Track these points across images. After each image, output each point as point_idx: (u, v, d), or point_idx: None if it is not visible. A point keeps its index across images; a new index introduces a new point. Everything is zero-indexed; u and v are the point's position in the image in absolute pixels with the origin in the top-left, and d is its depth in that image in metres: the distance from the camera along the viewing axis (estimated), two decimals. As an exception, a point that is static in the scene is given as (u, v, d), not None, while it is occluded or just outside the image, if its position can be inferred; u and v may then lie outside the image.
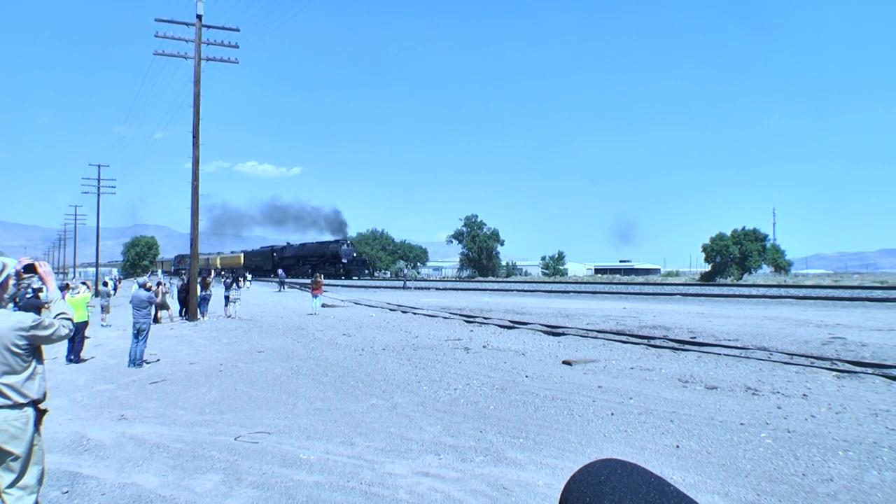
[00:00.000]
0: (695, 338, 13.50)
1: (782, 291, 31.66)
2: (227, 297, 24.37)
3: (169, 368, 12.02)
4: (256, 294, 40.05)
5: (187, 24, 23.99)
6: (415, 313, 23.02)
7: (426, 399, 8.65)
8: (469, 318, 19.92)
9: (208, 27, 24.23)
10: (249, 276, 58.39)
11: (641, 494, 0.80)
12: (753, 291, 31.83)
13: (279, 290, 47.33)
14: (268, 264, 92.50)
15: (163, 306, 21.87)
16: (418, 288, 46.16)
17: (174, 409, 8.41)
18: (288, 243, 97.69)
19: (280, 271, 55.20)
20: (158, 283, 22.08)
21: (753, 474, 5.30)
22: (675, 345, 12.54)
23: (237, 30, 24.87)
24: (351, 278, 72.62)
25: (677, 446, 6.18)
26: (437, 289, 44.76)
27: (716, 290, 34.03)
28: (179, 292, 25.34)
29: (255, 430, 7.09)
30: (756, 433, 6.50)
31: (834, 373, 9.37)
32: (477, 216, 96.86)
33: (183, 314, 24.06)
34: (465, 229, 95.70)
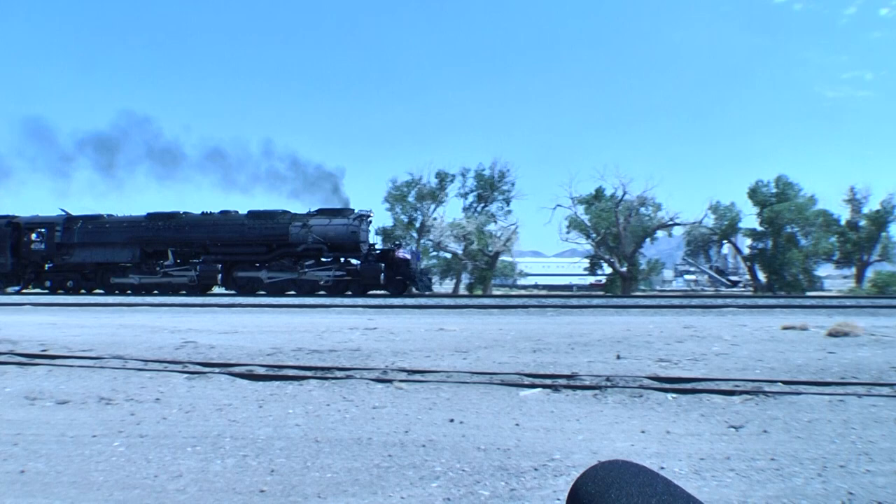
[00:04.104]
0: (46, 350, 12.44)
1: (138, 300, 32.03)
2: None
3: None
4: None
5: None
6: None
7: None
8: None
9: None
10: None
11: (648, 496, 0.82)
12: (110, 300, 31.23)
13: None
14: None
15: None
16: None
17: None
18: (108, 214, 37.18)
19: None
20: None
21: (106, 486, 5.24)
22: (24, 359, 11.29)
23: None
24: (402, 293, 32.86)
25: (22, 471, 5.58)
26: None
27: (63, 300, 31.95)
28: None
29: None
30: (109, 443, 6.44)
31: (186, 375, 10.07)
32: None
33: None
34: None
